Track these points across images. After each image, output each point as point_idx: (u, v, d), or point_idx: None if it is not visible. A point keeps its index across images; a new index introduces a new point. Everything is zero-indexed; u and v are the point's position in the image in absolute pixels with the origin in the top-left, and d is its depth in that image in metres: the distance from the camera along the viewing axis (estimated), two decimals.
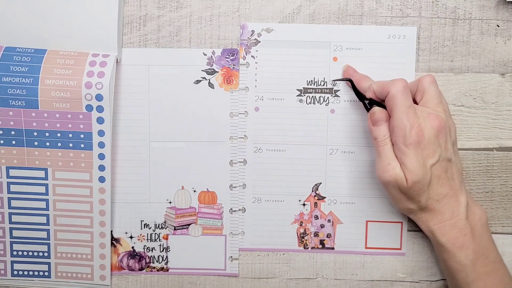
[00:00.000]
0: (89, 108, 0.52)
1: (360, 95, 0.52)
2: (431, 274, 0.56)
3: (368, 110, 0.51)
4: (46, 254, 0.55)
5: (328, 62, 0.54)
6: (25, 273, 0.56)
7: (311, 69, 0.54)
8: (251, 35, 0.54)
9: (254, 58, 0.54)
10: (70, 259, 0.55)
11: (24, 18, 0.52)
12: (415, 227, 0.55)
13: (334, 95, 0.54)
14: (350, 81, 0.53)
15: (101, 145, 0.53)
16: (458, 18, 0.54)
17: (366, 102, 0.51)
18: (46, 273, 0.56)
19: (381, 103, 0.50)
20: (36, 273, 0.56)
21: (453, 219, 0.49)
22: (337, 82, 0.54)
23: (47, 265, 0.56)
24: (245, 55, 0.54)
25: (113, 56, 0.52)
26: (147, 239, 0.56)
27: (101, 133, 0.53)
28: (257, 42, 0.54)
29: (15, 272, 0.56)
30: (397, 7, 0.54)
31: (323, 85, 0.54)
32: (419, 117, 0.48)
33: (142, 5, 0.54)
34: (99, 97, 0.51)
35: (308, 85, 0.54)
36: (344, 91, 0.54)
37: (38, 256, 0.55)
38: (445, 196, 0.49)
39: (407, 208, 0.50)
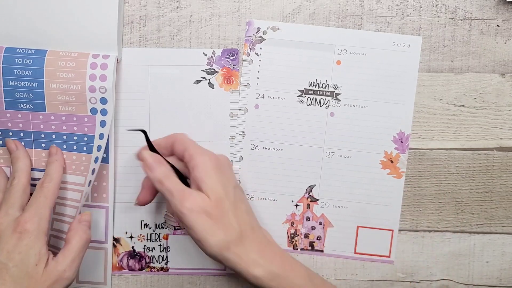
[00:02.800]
0: (93, 111, 0.51)
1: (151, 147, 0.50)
2: (431, 274, 0.56)
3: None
4: None
5: (331, 65, 0.54)
6: None
7: (314, 71, 0.54)
8: (256, 32, 0.54)
9: (258, 56, 0.54)
10: None
11: (24, 18, 0.52)
12: (413, 227, 0.55)
13: (335, 98, 0.54)
14: (144, 132, 0.50)
15: (99, 148, 0.52)
16: (458, 18, 0.54)
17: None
18: None
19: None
20: None
21: None
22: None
23: None
24: (249, 51, 0.54)
25: (113, 56, 0.52)
26: (147, 239, 0.56)
27: (101, 136, 0.52)
28: (262, 39, 0.54)
29: None
30: (397, 7, 0.54)
31: (325, 87, 0.54)
32: None
33: (142, 5, 0.54)
34: (103, 101, 0.51)
35: (309, 86, 0.54)
36: (346, 95, 0.54)
37: None
38: None
39: None
